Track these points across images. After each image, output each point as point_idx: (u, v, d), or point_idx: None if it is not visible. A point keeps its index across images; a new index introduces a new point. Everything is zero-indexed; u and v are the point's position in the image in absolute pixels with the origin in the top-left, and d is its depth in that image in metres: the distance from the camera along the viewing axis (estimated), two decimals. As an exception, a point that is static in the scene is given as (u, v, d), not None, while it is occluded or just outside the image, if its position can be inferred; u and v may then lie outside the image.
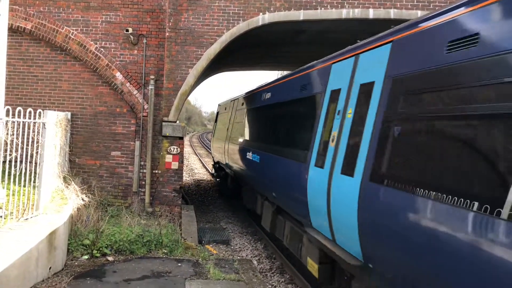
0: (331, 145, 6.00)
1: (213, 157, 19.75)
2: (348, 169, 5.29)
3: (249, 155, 10.75)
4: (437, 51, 4.06)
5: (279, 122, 9.08)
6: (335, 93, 6.20)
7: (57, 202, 8.14)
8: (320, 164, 6.26)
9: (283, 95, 8.98)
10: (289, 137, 8.16)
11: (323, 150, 6.26)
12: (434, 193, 3.74)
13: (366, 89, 5.27)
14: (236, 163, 12.66)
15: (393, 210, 4.31)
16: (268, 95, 10.30)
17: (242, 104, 13.52)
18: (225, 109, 17.21)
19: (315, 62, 7.60)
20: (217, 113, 20.73)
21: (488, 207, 3.22)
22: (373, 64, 5.26)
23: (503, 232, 3.06)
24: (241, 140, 12.40)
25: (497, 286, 3.10)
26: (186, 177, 22.85)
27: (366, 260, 4.94)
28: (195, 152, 40.38)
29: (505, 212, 3.06)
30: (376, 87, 5.04)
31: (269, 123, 9.90)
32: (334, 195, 5.63)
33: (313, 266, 6.49)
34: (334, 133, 5.96)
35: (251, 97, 12.31)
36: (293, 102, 8.21)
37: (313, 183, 6.43)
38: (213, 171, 19.15)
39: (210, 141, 20.12)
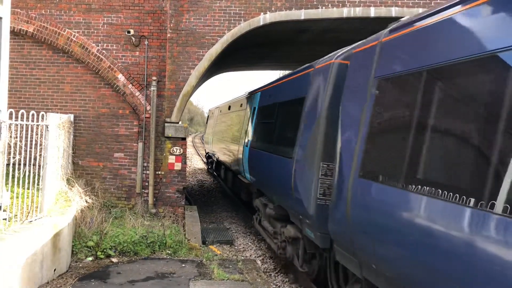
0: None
1: (205, 148, 27.28)
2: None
3: (220, 144, 17.76)
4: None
5: (233, 122, 15.64)
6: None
7: (61, 204, 8.16)
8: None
9: (228, 109, 17.61)
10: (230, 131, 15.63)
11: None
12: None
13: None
14: (216, 150, 19.20)
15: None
16: (225, 108, 18.28)
17: (220, 111, 20.41)
18: (212, 113, 24.40)
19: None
20: (207, 116, 29.18)
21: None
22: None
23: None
24: (217, 135, 19.27)
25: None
26: (189, 178, 22.87)
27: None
28: (197, 153, 40.39)
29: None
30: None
31: (235, 123, 14.89)
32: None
33: None
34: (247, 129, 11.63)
35: (223, 107, 19.53)
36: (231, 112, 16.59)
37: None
38: (205, 158, 27.53)
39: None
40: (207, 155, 24.95)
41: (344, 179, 5.47)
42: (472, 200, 3.28)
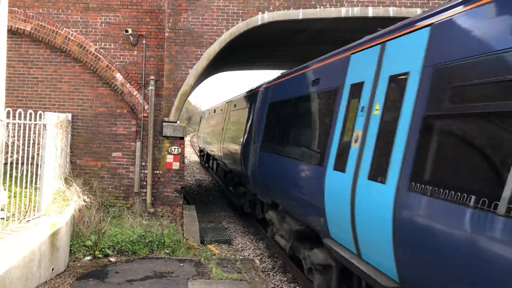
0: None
1: (199, 144, 32.16)
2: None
3: (208, 140, 22.39)
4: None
5: (218, 122, 19.07)
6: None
7: (58, 203, 8.15)
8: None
9: (214, 113, 21.83)
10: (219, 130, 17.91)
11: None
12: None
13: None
14: (206, 145, 23.65)
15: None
16: (212, 111, 23.22)
17: (209, 113, 25.41)
18: (204, 114, 30.05)
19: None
20: (200, 117, 35.75)
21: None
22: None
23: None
24: (207, 133, 23.73)
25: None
26: (187, 177, 22.85)
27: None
28: (196, 152, 40.40)
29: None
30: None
31: (225, 124, 16.86)
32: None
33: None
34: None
35: (212, 110, 24.11)
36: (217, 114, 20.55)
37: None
38: (199, 152, 32.47)
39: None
40: (200, 149, 31.33)
41: (255, 153, 10.33)
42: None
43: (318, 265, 6.54)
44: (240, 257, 9.67)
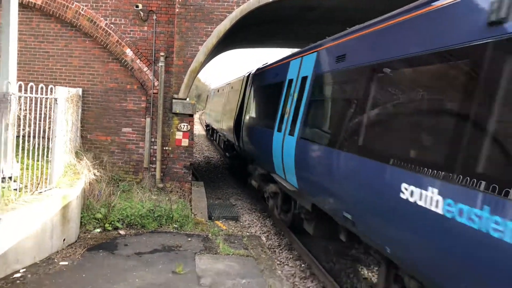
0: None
1: (205, 119, 37.83)
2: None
3: (212, 116, 26.52)
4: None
5: (226, 101, 19.38)
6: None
7: (69, 176, 8.29)
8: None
9: (218, 92, 25.50)
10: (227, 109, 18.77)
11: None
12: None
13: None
14: (211, 120, 27.85)
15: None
16: (216, 91, 27.64)
17: (214, 93, 29.79)
18: (210, 93, 34.53)
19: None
20: (207, 96, 40.05)
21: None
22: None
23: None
24: (210, 111, 29.28)
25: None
26: (196, 155, 23.00)
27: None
28: (204, 129, 40.54)
29: None
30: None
31: (227, 102, 18.94)
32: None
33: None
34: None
35: (216, 90, 28.16)
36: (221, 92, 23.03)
37: None
38: (206, 127, 36.85)
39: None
40: (206, 124, 36.47)
41: (241, 126, 13.53)
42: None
43: (271, 193, 10.44)
44: (247, 233, 9.82)
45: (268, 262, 7.66)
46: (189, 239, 8.40)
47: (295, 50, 12.30)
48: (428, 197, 3.86)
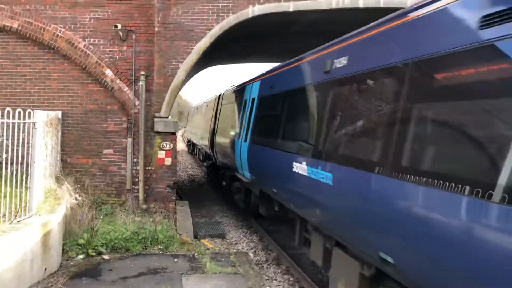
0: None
1: (187, 136, 41.92)
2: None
3: (192, 131, 29.74)
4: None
5: (203, 118, 21.87)
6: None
7: (50, 202, 8.09)
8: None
9: (197, 110, 28.27)
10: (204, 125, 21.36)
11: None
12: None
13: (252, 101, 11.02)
14: (191, 135, 32.15)
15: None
16: (194, 109, 31.69)
17: (192, 110, 33.35)
18: (190, 111, 37.38)
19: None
20: (188, 114, 42.63)
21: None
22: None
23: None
24: (191, 127, 32.39)
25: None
26: (180, 173, 22.80)
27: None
28: (185, 144, 40.46)
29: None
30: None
31: (204, 118, 21.62)
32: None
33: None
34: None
35: (194, 108, 31.97)
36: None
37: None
38: (187, 142, 40.77)
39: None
40: (187, 140, 41.60)
41: (213, 137, 16.76)
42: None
43: (236, 188, 13.68)
44: (234, 250, 9.70)
45: (256, 278, 7.57)
46: (175, 260, 8.25)
47: (277, 64, 12.41)
48: (302, 168, 6.83)
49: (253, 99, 10.81)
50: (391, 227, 4.23)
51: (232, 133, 13.07)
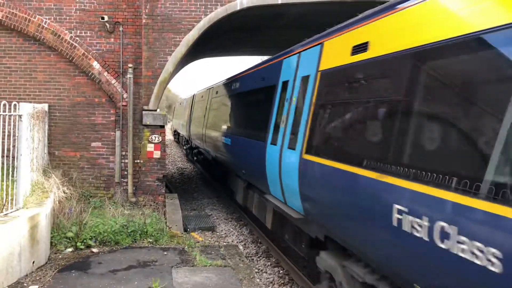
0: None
1: (172, 126, 45.15)
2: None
3: (177, 122, 34.70)
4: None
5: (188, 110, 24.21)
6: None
7: (37, 195, 8.01)
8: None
9: (180, 105, 33.52)
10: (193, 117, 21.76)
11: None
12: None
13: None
14: (176, 126, 36.01)
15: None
16: (179, 104, 36.52)
17: (178, 104, 36.99)
18: (176, 105, 41.41)
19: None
20: (174, 108, 45.11)
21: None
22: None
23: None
24: (176, 119, 36.22)
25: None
26: (169, 166, 22.72)
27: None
28: (173, 135, 40.47)
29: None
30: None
31: (182, 112, 27.43)
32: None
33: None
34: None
35: (179, 102, 36.54)
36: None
37: None
38: (173, 132, 44.22)
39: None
40: (173, 130, 43.88)
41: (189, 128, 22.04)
42: None
43: (195, 154, 21.72)
44: (224, 243, 9.72)
45: (246, 271, 7.60)
46: (165, 253, 8.25)
47: (266, 57, 12.39)
48: (223, 138, 9.83)
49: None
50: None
51: (198, 123, 16.07)
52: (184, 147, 29.73)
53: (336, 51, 5.72)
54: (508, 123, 2.88)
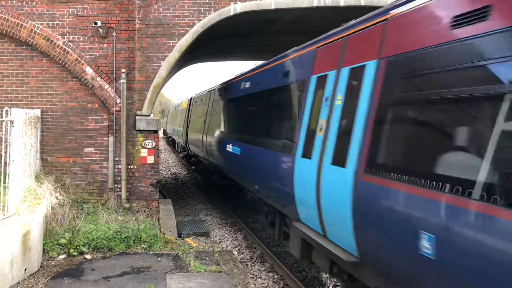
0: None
1: (166, 130, 45.37)
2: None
3: (169, 127, 37.82)
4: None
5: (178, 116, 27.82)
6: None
7: (29, 202, 7.93)
8: None
9: (173, 110, 35.81)
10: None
11: None
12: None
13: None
14: (169, 130, 38.50)
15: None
16: (172, 109, 38.38)
17: (171, 110, 38.42)
18: (168, 110, 43.20)
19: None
20: (165, 112, 50.33)
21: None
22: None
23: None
24: (168, 123, 39.22)
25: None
26: (163, 171, 22.63)
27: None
28: (166, 141, 40.27)
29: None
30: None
31: (176, 117, 29.19)
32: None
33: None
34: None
35: (171, 107, 40.11)
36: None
37: None
38: (164, 135, 48.39)
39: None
40: (167, 135, 46.13)
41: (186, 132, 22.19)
42: None
43: (180, 147, 27.61)
44: (218, 249, 9.68)
45: (241, 277, 7.56)
46: (159, 259, 8.19)
47: (260, 62, 12.41)
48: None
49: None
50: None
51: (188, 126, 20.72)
52: (180, 154, 29.35)
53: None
54: None
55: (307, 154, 5.95)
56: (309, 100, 6.28)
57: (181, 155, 28.95)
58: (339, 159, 4.94)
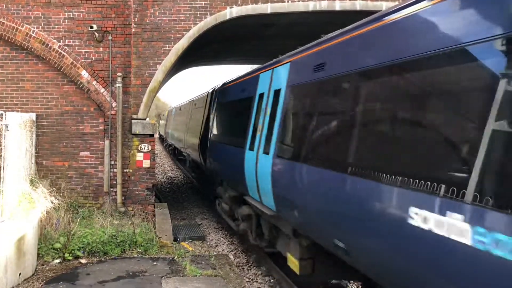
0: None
1: (160, 132, 46.71)
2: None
3: (163, 129, 41.06)
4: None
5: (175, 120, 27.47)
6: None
7: (24, 206, 7.89)
8: None
9: (166, 114, 40.17)
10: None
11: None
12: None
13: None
14: (162, 132, 41.86)
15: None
16: (166, 113, 41.67)
17: (165, 114, 43.68)
18: (163, 115, 46.51)
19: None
20: (160, 116, 51.25)
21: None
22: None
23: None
24: (161, 126, 43.79)
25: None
26: (159, 175, 22.59)
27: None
28: (161, 144, 40.32)
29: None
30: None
31: (174, 121, 27.42)
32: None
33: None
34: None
35: (166, 112, 44.21)
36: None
37: None
38: (159, 136, 47.89)
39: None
40: (160, 135, 47.43)
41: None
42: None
43: (171, 147, 30.73)
44: (214, 253, 9.66)
45: (237, 280, 7.55)
46: (155, 263, 8.16)
47: (255, 66, 12.44)
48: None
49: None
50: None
51: (178, 132, 24.16)
52: (170, 149, 31.92)
53: None
54: None
55: (251, 147, 8.41)
56: (254, 110, 8.67)
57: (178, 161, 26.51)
58: (267, 150, 7.50)
